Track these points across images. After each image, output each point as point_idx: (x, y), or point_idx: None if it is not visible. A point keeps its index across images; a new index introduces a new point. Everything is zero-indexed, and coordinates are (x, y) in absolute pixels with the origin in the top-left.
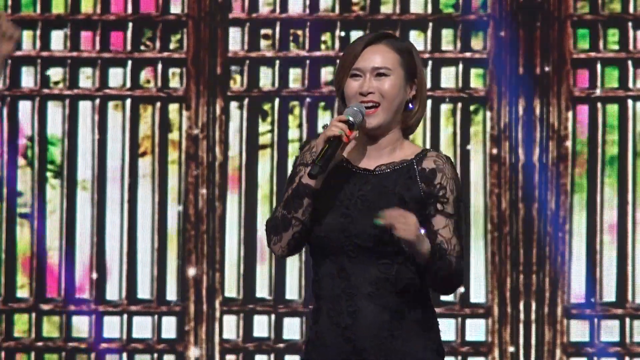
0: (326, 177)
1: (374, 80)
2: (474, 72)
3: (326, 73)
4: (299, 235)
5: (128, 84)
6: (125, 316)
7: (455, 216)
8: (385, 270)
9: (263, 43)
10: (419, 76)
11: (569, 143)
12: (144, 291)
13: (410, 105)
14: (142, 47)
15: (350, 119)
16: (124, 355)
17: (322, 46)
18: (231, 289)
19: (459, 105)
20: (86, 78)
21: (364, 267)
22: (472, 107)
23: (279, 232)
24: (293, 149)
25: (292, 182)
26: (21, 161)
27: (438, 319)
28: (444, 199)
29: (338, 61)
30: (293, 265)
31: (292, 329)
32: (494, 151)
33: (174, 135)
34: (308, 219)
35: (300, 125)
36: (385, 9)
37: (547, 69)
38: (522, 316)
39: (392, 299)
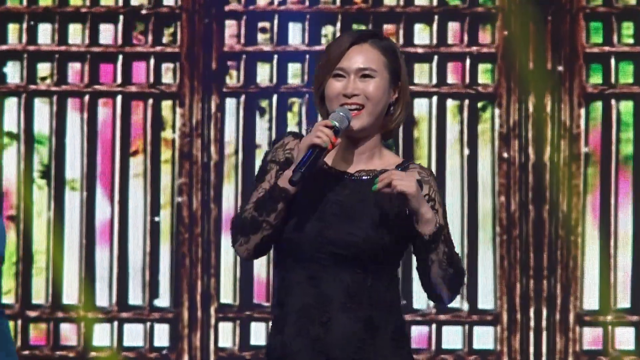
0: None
1: (359, 81)
2: (481, 67)
3: None
4: (267, 239)
5: (119, 80)
6: (115, 323)
7: (446, 228)
8: (360, 280)
9: (260, 37)
10: (402, 79)
11: (581, 142)
12: (135, 297)
13: (391, 109)
14: (134, 41)
15: (337, 124)
16: None
17: (323, 40)
18: (227, 295)
19: (466, 102)
20: (75, 73)
21: (337, 276)
22: (479, 105)
23: (247, 233)
24: None
25: (262, 180)
26: (7, 161)
27: (443, 326)
28: (433, 210)
29: (319, 59)
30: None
31: None
32: (503, 150)
33: (167, 134)
34: (280, 223)
35: (299, 123)
36: (389, 1)
37: (558, 64)
38: (532, 323)
39: (366, 311)
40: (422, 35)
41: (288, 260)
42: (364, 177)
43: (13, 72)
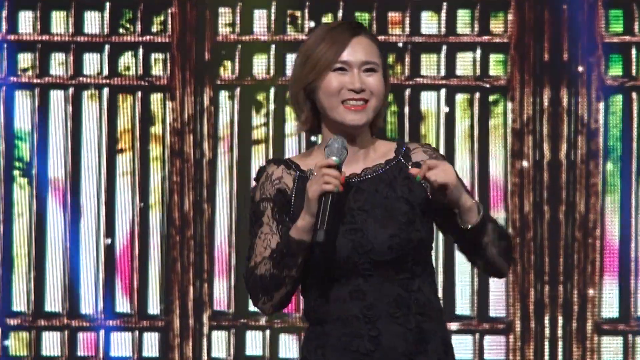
0: (304, 196)
1: (364, 75)
2: (493, 58)
3: None
4: (292, 290)
5: (105, 72)
6: (102, 332)
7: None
8: (407, 285)
9: (257, 25)
10: (387, 72)
11: (600, 138)
12: (122, 304)
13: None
14: (121, 30)
15: (338, 160)
16: None
17: None
18: (221, 302)
19: (477, 95)
20: (58, 65)
21: (382, 285)
22: (491, 98)
23: (270, 292)
24: (290, 144)
25: (260, 224)
26: None
27: (452, 335)
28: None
29: (308, 51)
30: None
31: (289, 346)
32: (516, 147)
33: (156, 129)
34: (300, 275)
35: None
36: None
37: (575, 55)
38: (547, 332)
39: (415, 319)
40: (430, 23)
41: (326, 281)
42: (372, 175)
43: None
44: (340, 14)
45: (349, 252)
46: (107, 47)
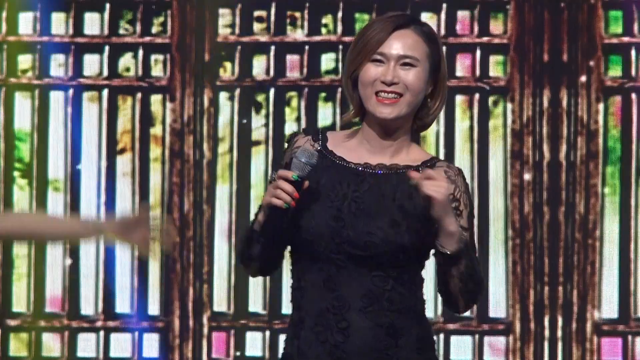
0: (320, 173)
1: (399, 69)
2: (493, 59)
3: (327, 60)
4: (278, 256)
5: (105, 73)
6: (101, 333)
7: (470, 231)
8: (379, 283)
9: (256, 26)
10: (442, 70)
11: (599, 139)
12: (122, 305)
13: (428, 101)
14: (121, 31)
15: (297, 177)
16: None
17: (323, 30)
18: (221, 303)
19: (477, 96)
20: (58, 66)
21: (355, 278)
22: (491, 99)
23: (246, 264)
24: None
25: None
26: None
27: (452, 336)
28: (457, 211)
29: (354, 41)
30: (290, 276)
31: None
32: (516, 148)
33: (156, 130)
34: (267, 252)
35: (298, 119)
36: None
37: (575, 56)
38: (547, 333)
39: (387, 316)
40: (430, 24)
41: (304, 260)
42: (384, 172)
43: None
44: (339, 15)
45: (328, 239)
46: (107, 48)
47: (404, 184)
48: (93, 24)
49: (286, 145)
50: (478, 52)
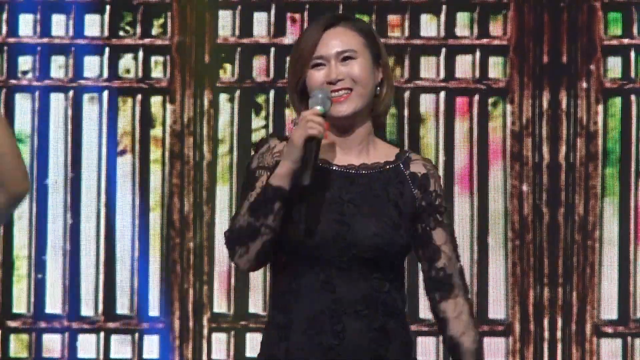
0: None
1: (341, 65)
2: (492, 60)
3: None
4: (268, 245)
5: (105, 74)
6: (102, 334)
7: (450, 226)
8: (378, 285)
9: (256, 28)
10: (383, 59)
11: (599, 140)
12: (123, 306)
13: (377, 90)
14: (121, 33)
15: (322, 109)
16: None
17: None
18: (221, 304)
19: (476, 97)
20: (58, 67)
21: (354, 280)
22: (490, 100)
23: (245, 242)
24: None
25: (252, 188)
26: None
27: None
28: (441, 208)
29: (291, 54)
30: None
31: None
32: (515, 149)
33: (156, 131)
34: (278, 225)
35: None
36: None
37: (574, 57)
38: (546, 334)
39: (380, 319)
40: (429, 26)
41: (298, 264)
42: (369, 171)
43: None
44: None
45: (330, 242)
46: (107, 49)
47: (392, 182)
48: (93, 25)
49: (254, 151)
50: (478, 54)
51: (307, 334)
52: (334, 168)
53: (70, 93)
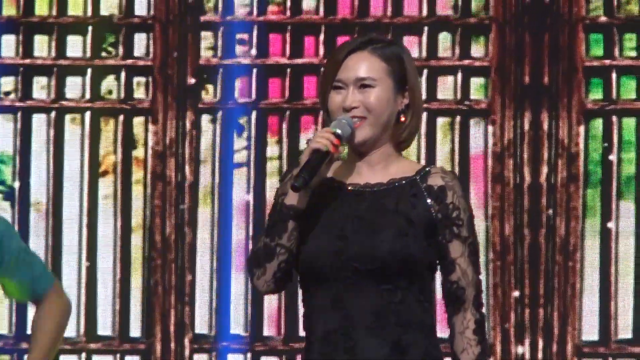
0: (316, 200)
1: (358, 92)
2: (474, 81)
3: (309, 82)
4: (285, 266)
5: (87, 95)
6: (83, 355)
7: (471, 238)
8: (388, 296)
9: (239, 49)
10: (410, 84)
11: (580, 162)
12: (104, 327)
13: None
14: (104, 54)
15: (338, 131)
16: None
17: (305, 52)
18: (202, 325)
19: (458, 118)
20: (40, 88)
21: (363, 294)
22: (472, 121)
23: (262, 263)
24: (272, 168)
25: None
26: None
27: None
28: (459, 220)
29: (321, 71)
30: (271, 297)
31: None
32: (497, 170)
33: (138, 152)
34: (294, 245)
35: (280, 142)
36: (375, 11)
37: (556, 78)
38: (527, 355)
39: (394, 331)
40: (411, 47)
41: (311, 285)
42: (383, 188)
43: None
44: (321, 37)
45: (333, 258)
46: (89, 70)
47: (405, 196)
48: (75, 46)
49: (280, 182)
50: (459, 75)
51: (320, 353)
52: (349, 188)
53: (53, 114)
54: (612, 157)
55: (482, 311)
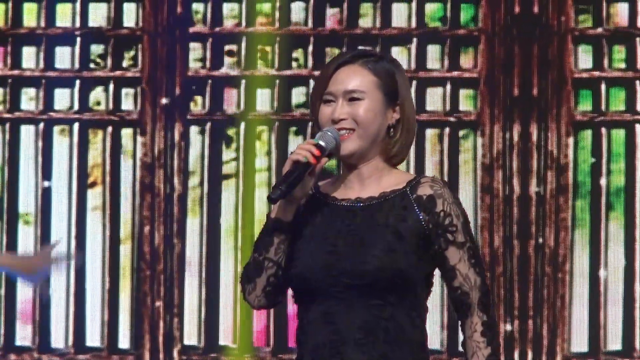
0: (308, 215)
1: (347, 105)
2: (463, 93)
3: (298, 94)
4: (274, 280)
5: (76, 107)
6: None
7: (469, 243)
8: (378, 312)
9: (227, 60)
10: (401, 99)
11: (569, 173)
12: (93, 338)
13: (391, 131)
14: (92, 65)
15: (321, 143)
16: None
17: (294, 64)
18: (191, 336)
19: (447, 130)
20: (29, 99)
21: (353, 309)
22: (461, 133)
23: (252, 278)
24: (260, 179)
25: None
26: None
27: None
28: (452, 227)
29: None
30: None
31: None
32: (486, 182)
33: (127, 164)
34: (282, 259)
35: (268, 153)
36: (364, 22)
37: (545, 90)
38: None
39: (381, 347)
40: (400, 58)
41: (304, 299)
42: (373, 202)
43: None
44: (310, 49)
45: (324, 273)
46: (77, 82)
47: (396, 209)
48: (64, 58)
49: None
50: (448, 86)
51: None
52: (341, 203)
53: (41, 125)
54: (602, 181)
55: (490, 312)
